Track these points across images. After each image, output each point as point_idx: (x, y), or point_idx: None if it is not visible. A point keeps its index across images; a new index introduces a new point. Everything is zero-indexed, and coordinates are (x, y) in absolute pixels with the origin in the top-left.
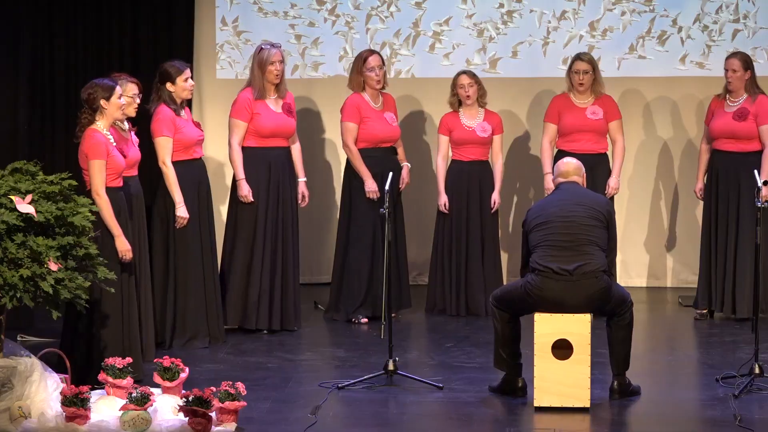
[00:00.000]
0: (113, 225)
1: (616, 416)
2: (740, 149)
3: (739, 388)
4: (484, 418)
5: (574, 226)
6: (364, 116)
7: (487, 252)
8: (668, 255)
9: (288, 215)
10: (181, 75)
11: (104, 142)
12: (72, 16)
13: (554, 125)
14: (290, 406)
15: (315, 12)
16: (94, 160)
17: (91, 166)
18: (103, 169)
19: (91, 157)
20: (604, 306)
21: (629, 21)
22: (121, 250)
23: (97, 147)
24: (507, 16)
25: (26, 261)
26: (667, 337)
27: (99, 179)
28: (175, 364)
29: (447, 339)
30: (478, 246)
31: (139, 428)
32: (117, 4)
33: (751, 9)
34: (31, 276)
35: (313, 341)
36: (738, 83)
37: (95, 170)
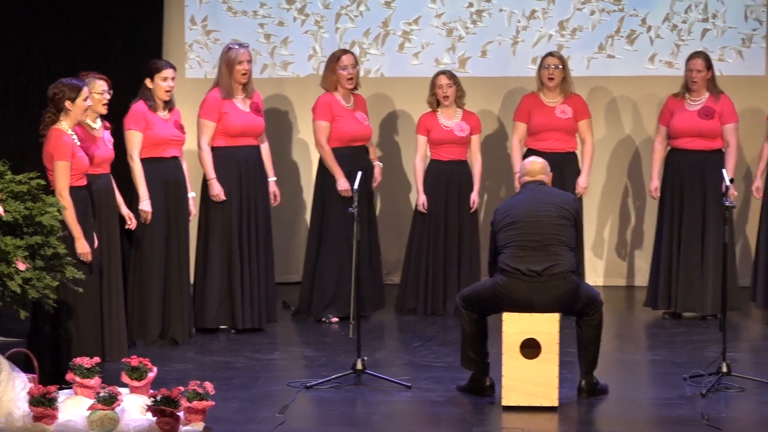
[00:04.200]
0: (74, 227)
1: (584, 415)
2: (705, 147)
3: (706, 387)
4: (452, 417)
5: (543, 227)
6: (336, 115)
7: (464, 252)
8: (637, 254)
9: (260, 214)
10: (159, 73)
11: (70, 143)
12: (41, 13)
13: (524, 124)
14: (258, 406)
15: (284, 11)
16: (59, 161)
17: (56, 167)
18: (68, 171)
19: (57, 158)
20: (573, 306)
21: (598, 20)
22: (80, 252)
23: (62, 148)
24: (476, 16)
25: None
26: (636, 336)
27: (63, 181)
28: (143, 363)
29: (416, 338)
30: (456, 246)
31: (107, 428)
32: (87, 2)
33: (720, 8)
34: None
35: (281, 341)
36: (702, 82)
37: (60, 172)
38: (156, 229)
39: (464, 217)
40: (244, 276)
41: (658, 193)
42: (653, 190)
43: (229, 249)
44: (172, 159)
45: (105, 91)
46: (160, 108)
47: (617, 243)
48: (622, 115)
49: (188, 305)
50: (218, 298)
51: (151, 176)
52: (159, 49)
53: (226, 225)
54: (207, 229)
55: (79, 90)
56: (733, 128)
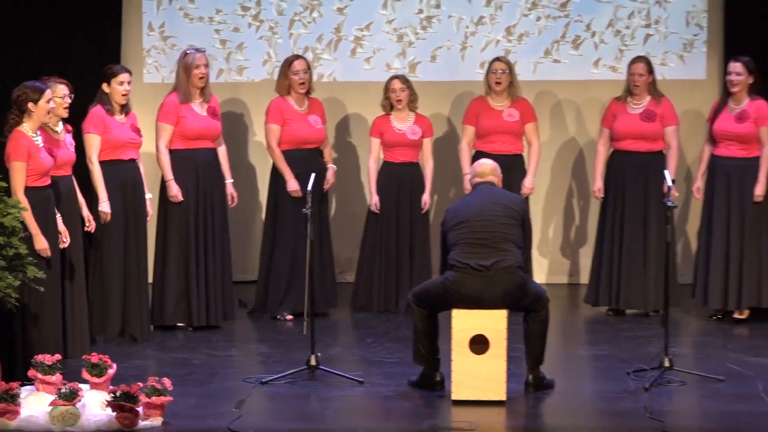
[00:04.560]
0: (31, 224)
1: (532, 409)
2: (647, 149)
3: (649, 381)
4: (403, 411)
5: (491, 225)
6: (287, 118)
7: (416, 251)
8: (581, 252)
9: (216, 215)
10: (115, 78)
11: (26, 144)
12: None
13: (472, 127)
14: (215, 401)
15: (239, 17)
16: (14, 162)
17: (11, 168)
18: (23, 171)
19: (12, 159)
20: (521, 301)
21: (544, 26)
22: (38, 248)
23: (19, 149)
24: (426, 22)
25: None
26: (580, 332)
27: (18, 181)
28: (103, 360)
29: (368, 335)
30: (407, 244)
31: (68, 423)
32: (47, 8)
33: (662, 14)
34: None
35: (238, 338)
36: (644, 86)
37: (15, 172)
38: (115, 230)
39: (416, 217)
40: (200, 275)
41: (601, 193)
42: (596, 190)
43: (187, 249)
44: (130, 161)
45: (66, 95)
46: (117, 112)
47: (561, 242)
48: (567, 118)
49: (147, 303)
50: (176, 296)
51: (110, 178)
52: (118, 55)
53: (183, 225)
54: (165, 230)
55: (42, 92)
56: (673, 131)
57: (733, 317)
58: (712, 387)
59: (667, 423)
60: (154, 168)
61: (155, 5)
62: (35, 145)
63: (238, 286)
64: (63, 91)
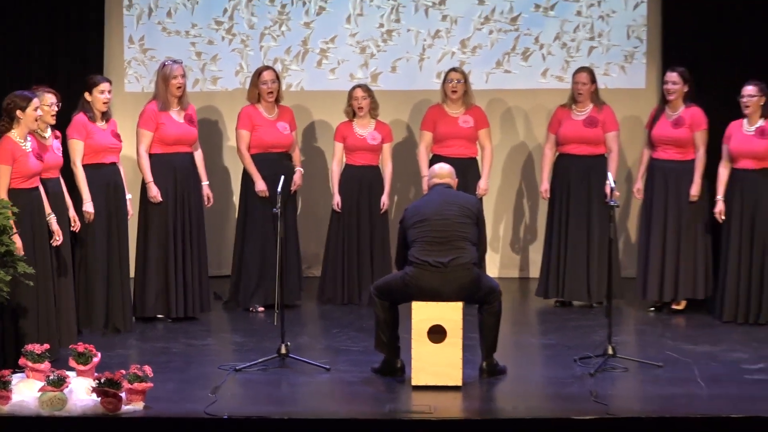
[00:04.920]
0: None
1: (486, 393)
2: (590, 153)
3: (594, 368)
4: (366, 396)
5: (448, 224)
6: (256, 124)
7: (376, 248)
8: (531, 248)
9: (193, 214)
10: (97, 87)
11: (11, 149)
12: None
13: (430, 133)
14: (192, 387)
15: (213, 31)
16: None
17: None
18: (6, 173)
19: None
20: (475, 295)
21: (496, 39)
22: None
23: (3, 153)
24: (387, 35)
25: None
26: (531, 322)
27: (1, 182)
28: (89, 349)
29: (334, 325)
30: (368, 242)
31: (56, 407)
32: (35, 23)
33: (605, 28)
34: None
35: (214, 328)
36: (587, 94)
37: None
38: (98, 229)
39: (375, 216)
40: (179, 270)
41: (548, 194)
42: (544, 191)
43: (166, 246)
44: (111, 165)
45: (53, 103)
46: (98, 119)
47: (512, 239)
48: (517, 124)
49: (129, 297)
50: (156, 290)
51: (93, 181)
52: (101, 66)
53: (162, 224)
54: (146, 228)
55: (30, 100)
56: (614, 136)
57: (671, 308)
58: (652, 372)
59: (611, 406)
60: (135, 171)
61: (135, 20)
62: (21, 150)
63: (213, 281)
64: (51, 99)
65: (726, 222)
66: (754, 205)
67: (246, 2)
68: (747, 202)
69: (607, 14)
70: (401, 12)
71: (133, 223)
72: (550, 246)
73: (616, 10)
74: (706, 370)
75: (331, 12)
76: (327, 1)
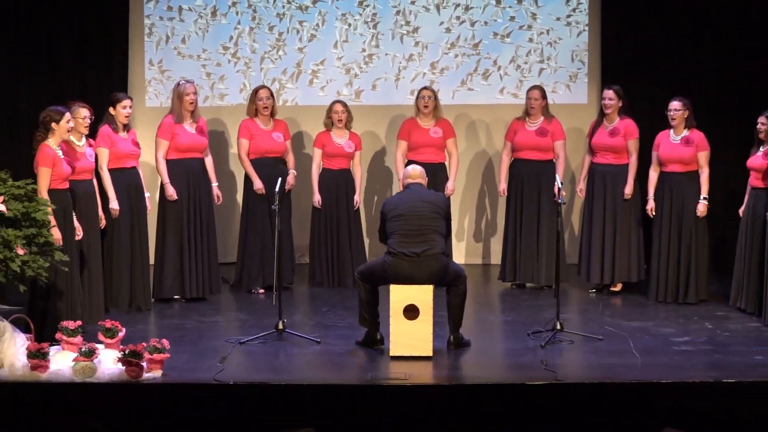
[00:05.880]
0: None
1: (453, 362)
2: (540, 158)
3: (545, 341)
4: (351, 364)
5: (422, 219)
6: (254, 134)
7: (352, 239)
8: (492, 239)
9: (204, 210)
10: (120, 102)
11: (52, 155)
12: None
13: (405, 141)
14: (203, 357)
15: (221, 55)
16: (41, 167)
17: (39, 173)
18: (48, 175)
19: (40, 165)
20: (444, 279)
21: (461, 62)
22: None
23: (45, 158)
24: (368, 58)
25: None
26: (491, 302)
27: (44, 183)
28: (115, 325)
29: (323, 305)
30: (347, 234)
31: (87, 375)
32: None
33: (553, 53)
34: (3, 259)
35: (222, 307)
36: (538, 109)
37: (41, 176)
38: (122, 223)
39: (350, 212)
40: (192, 257)
41: (505, 193)
42: (501, 191)
43: (180, 237)
44: (132, 168)
45: (86, 116)
46: (121, 130)
47: (475, 231)
48: (479, 134)
49: (149, 281)
50: (172, 274)
51: (117, 182)
52: (125, 85)
53: (177, 219)
54: (163, 222)
55: (62, 115)
56: (562, 144)
57: (609, 290)
58: (594, 345)
59: (559, 373)
60: (154, 173)
61: (155, 45)
62: (58, 156)
63: (221, 267)
64: (84, 113)
65: (656, 217)
66: (680, 203)
67: (249, 30)
68: (674, 200)
69: (554, 41)
70: (380, 39)
71: (152, 218)
72: (508, 237)
73: (562, 37)
74: (640, 342)
75: (321, 39)
76: (318, 30)
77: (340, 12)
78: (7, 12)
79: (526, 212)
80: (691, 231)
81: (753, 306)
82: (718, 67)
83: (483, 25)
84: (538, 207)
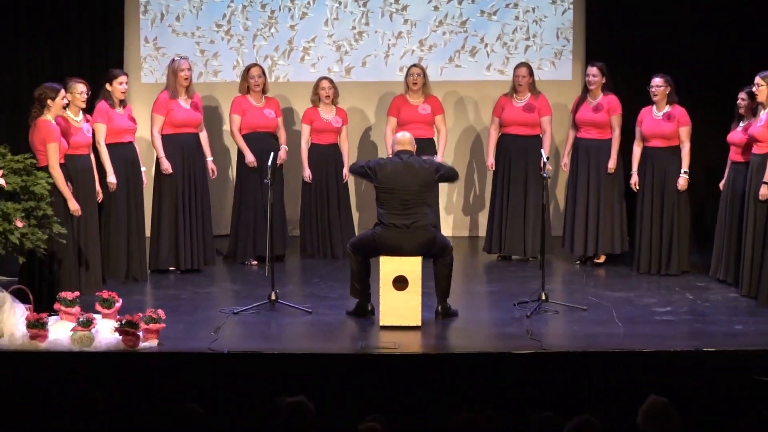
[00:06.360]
0: (65, 191)
1: (441, 332)
2: (527, 133)
3: (530, 311)
4: (342, 334)
5: (411, 192)
6: (245, 110)
7: (342, 211)
8: (478, 212)
9: (199, 184)
10: (116, 79)
11: (56, 130)
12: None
13: (395, 118)
14: (198, 327)
15: (214, 32)
16: (50, 144)
17: (49, 149)
18: (57, 149)
19: (48, 141)
20: (431, 250)
21: (448, 39)
22: (72, 209)
23: (51, 134)
24: (358, 36)
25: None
26: (478, 273)
27: (54, 157)
28: (112, 296)
29: (315, 276)
30: (336, 207)
31: (85, 344)
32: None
33: (538, 30)
34: (2, 231)
35: (216, 278)
36: (526, 86)
37: (51, 151)
38: (119, 196)
39: (339, 186)
40: (186, 230)
41: (493, 167)
42: (489, 165)
43: (176, 209)
44: (128, 143)
45: (83, 92)
46: (117, 105)
47: (463, 204)
48: (467, 110)
49: (145, 252)
50: (167, 246)
51: (114, 157)
52: (121, 62)
53: (172, 192)
54: (159, 195)
55: (58, 91)
56: (548, 120)
57: (593, 261)
58: (578, 314)
59: (544, 342)
60: (149, 148)
61: (150, 23)
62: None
63: (215, 239)
64: (81, 88)
65: (640, 191)
66: (662, 177)
67: (242, 9)
68: (657, 174)
69: (540, 19)
70: (370, 17)
71: (147, 191)
72: (494, 210)
73: (547, 15)
74: (623, 312)
75: (312, 17)
76: (309, 8)
77: None
78: None
79: (513, 186)
80: (673, 204)
81: (732, 277)
82: (700, 44)
83: (470, 3)
84: (525, 181)
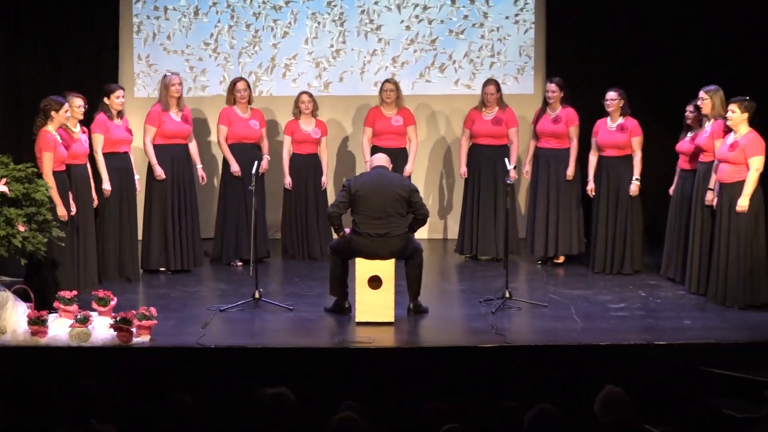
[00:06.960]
0: (55, 197)
1: (412, 327)
2: (495, 144)
3: (495, 307)
4: (321, 329)
5: (385, 203)
6: (232, 121)
7: (321, 216)
8: (450, 216)
9: (188, 190)
10: (113, 93)
11: (53, 139)
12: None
13: (370, 128)
14: (187, 323)
15: (203, 50)
16: (45, 152)
17: (43, 157)
18: (51, 159)
19: (43, 150)
20: (403, 254)
21: (419, 56)
22: (59, 215)
23: (48, 143)
24: (336, 53)
25: (2, 225)
26: (448, 272)
27: (48, 166)
28: (107, 295)
29: (295, 276)
30: (315, 212)
31: (83, 340)
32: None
33: (502, 48)
34: (5, 235)
35: (203, 278)
36: (494, 101)
37: (45, 160)
38: (113, 202)
39: (318, 192)
40: (176, 233)
41: (465, 175)
42: (462, 173)
43: (165, 215)
44: (124, 153)
45: (81, 105)
46: (114, 117)
47: (437, 209)
48: (438, 122)
49: (137, 254)
50: (158, 248)
51: (110, 166)
52: (116, 77)
53: (163, 198)
54: (150, 201)
55: (61, 105)
56: (515, 131)
57: (553, 261)
58: (539, 311)
59: (508, 337)
60: (142, 157)
61: (143, 42)
62: (57, 141)
63: (204, 241)
64: (79, 102)
65: (595, 197)
66: (617, 184)
67: (228, 28)
68: (611, 181)
69: (504, 38)
70: (347, 36)
71: (140, 198)
72: (465, 214)
73: (510, 34)
74: (581, 309)
75: (293, 36)
76: (290, 27)
77: (310, 11)
78: (8, 8)
79: (483, 193)
80: (626, 209)
81: (681, 276)
82: (651, 59)
83: (439, 23)
84: (494, 187)
